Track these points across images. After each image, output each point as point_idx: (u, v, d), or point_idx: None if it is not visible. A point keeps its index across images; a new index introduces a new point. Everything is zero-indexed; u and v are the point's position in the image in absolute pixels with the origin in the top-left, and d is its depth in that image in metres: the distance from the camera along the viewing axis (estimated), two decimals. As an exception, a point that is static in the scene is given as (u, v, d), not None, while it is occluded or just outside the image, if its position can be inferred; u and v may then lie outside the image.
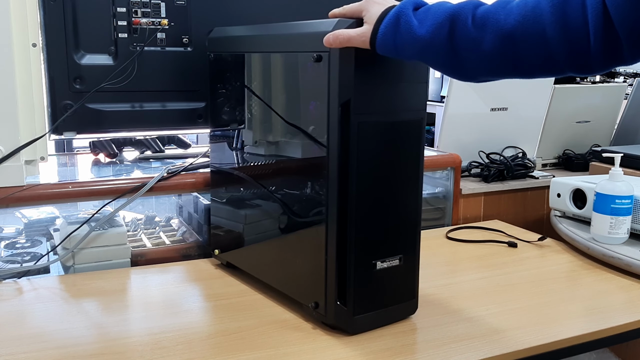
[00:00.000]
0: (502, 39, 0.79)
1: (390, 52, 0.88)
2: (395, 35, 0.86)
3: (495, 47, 0.80)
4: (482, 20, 0.81)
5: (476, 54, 0.82)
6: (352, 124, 0.93)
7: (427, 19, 0.84)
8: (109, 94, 1.33)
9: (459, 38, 0.82)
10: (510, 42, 0.79)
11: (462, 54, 0.83)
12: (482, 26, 0.81)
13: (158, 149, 1.61)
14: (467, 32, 0.82)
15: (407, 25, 0.85)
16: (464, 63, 0.84)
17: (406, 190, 1.02)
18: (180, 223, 1.60)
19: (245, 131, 1.17)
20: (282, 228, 1.09)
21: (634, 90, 2.14)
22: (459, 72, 0.86)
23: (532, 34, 0.77)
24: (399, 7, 0.88)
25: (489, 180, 1.79)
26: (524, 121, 1.96)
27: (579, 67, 0.77)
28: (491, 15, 0.80)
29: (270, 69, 1.08)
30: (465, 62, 0.83)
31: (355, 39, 0.90)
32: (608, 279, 1.28)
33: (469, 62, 0.83)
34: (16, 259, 1.34)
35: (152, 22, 1.34)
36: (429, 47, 0.84)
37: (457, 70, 0.86)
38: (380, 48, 0.88)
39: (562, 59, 0.77)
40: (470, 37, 0.81)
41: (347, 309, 0.98)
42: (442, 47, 0.83)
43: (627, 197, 1.34)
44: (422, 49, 0.85)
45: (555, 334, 1.01)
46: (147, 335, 0.99)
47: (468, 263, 1.37)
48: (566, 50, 0.76)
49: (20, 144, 1.23)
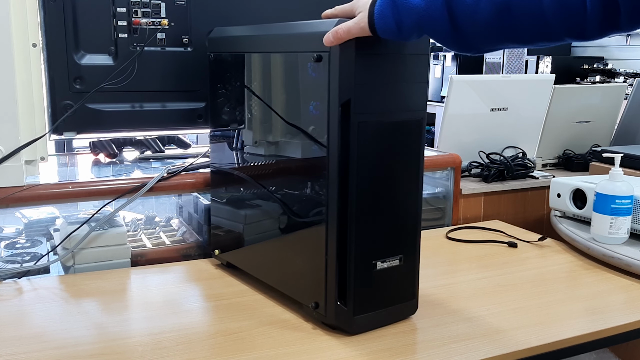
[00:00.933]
0: (498, 7, 0.79)
1: (390, 31, 0.87)
2: (392, 11, 0.86)
3: (491, 15, 0.79)
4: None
5: (473, 22, 0.81)
6: (352, 124, 0.93)
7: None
8: (109, 94, 1.33)
9: (456, 6, 0.81)
10: (506, 10, 0.78)
11: (459, 22, 0.82)
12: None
13: (158, 149, 1.61)
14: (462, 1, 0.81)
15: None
16: (461, 32, 0.83)
17: (406, 190, 1.02)
18: (180, 223, 1.60)
19: (245, 131, 1.17)
20: (282, 228, 1.09)
21: (634, 90, 2.14)
22: (458, 42, 0.85)
23: (528, 2, 0.77)
24: None
25: (489, 180, 1.79)
26: (524, 121, 1.96)
27: (575, 34, 0.77)
28: None
29: (270, 69, 1.08)
30: (463, 31, 0.83)
31: (354, 28, 0.89)
32: (608, 279, 1.28)
33: (466, 31, 0.82)
34: (16, 259, 1.34)
35: (152, 22, 1.34)
36: (427, 17, 0.84)
37: (457, 40, 0.85)
38: (380, 28, 0.88)
39: (557, 25, 0.77)
40: (467, 5, 0.81)
41: (347, 309, 0.98)
42: (439, 16, 0.83)
43: (627, 197, 1.34)
44: (420, 19, 0.84)
45: (555, 334, 1.01)
46: (147, 336, 0.99)
47: (468, 263, 1.37)
48: (562, 17, 0.76)
49: (20, 144, 1.23)
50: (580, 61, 4.83)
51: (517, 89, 1.93)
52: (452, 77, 1.82)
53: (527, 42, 0.82)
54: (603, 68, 4.71)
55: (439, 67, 4.83)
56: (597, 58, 4.85)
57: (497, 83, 1.94)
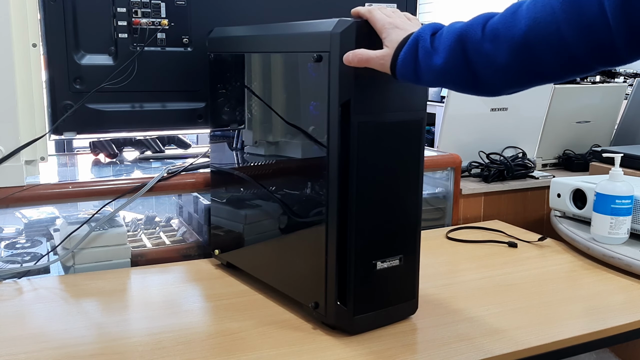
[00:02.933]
0: (516, 47, 0.75)
1: (409, 80, 0.87)
2: (414, 64, 0.85)
3: (511, 57, 0.76)
4: (493, 32, 0.77)
5: (493, 68, 0.78)
6: (352, 124, 0.93)
7: (440, 45, 0.82)
8: (109, 94, 1.33)
9: (473, 56, 0.79)
10: (526, 49, 0.75)
11: (480, 71, 0.80)
12: (493, 39, 0.77)
13: (158, 149, 1.61)
14: (479, 48, 0.78)
15: (424, 53, 0.84)
16: (483, 80, 0.80)
17: (406, 190, 1.02)
18: (180, 223, 1.60)
19: (245, 131, 1.17)
20: (282, 228, 1.09)
21: (634, 90, 2.14)
22: (481, 90, 0.83)
23: (547, 36, 0.73)
24: (417, 33, 0.85)
25: (489, 180, 1.79)
26: (524, 121, 1.96)
27: (605, 60, 0.71)
28: (501, 26, 0.77)
29: (270, 69, 1.08)
30: (484, 79, 0.80)
31: (375, 60, 0.89)
32: (608, 279, 1.28)
33: (488, 78, 0.80)
34: (16, 259, 1.34)
35: (152, 22, 1.34)
36: (446, 74, 0.82)
37: (479, 89, 0.83)
38: (400, 76, 0.87)
39: (584, 55, 0.72)
40: (483, 52, 0.78)
41: (347, 309, 0.98)
42: (458, 70, 0.81)
43: (627, 197, 1.34)
44: (440, 76, 0.83)
45: (555, 334, 1.01)
46: (147, 336, 0.99)
47: (468, 263, 1.37)
48: (587, 45, 0.70)
49: (20, 144, 1.23)
50: (580, 61, 4.83)
51: (517, 89, 1.93)
52: (452, 77, 1.82)
53: (556, 77, 0.77)
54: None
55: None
56: (597, 58, 4.85)
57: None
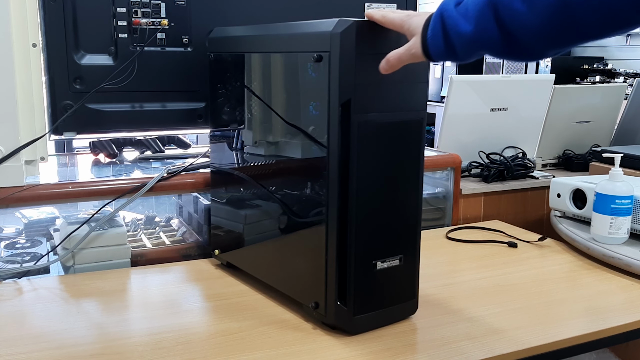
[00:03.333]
0: (553, 4, 0.72)
1: (445, 56, 0.84)
2: (444, 37, 0.82)
3: (548, 16, 0.72)
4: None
5: (531, 30, 0.74)
6: (352, 124, 0.93)
7: (468, 11, 0.79)
8: (109, 94, 1.33)
9: (507, 19, 0.76)
10: (563, 4, 0.71)
11: (516, 35, 0.76)
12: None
13: (158, 149, 1.61)
14: (513, 10, 0.75)
15: (452, 24, 0.81)
16: (521, 44, 0.77)
17: (406, 190, 1.02)
18: (180, 223, 1.60)
19: (245, 131, 1.17)
20: (282, 228, 1.09)
21: (634, 90, 2.14)
22: (520, 54, 0.79)
23: None
24: (440, 7, 0.83)
25: (489, 180, 1.79)
26: (524, 121, 1.96)
27: None
28: None
29: (270, 69, 1.08)
30: (522, 42, 0.76)
31: (405, 54, 0.87)
32: (608, 279, 1.28)
33: (525, 41, 0.76)
34: (16, 259, 1.34)
35: (152, 22, 1.34)
36: (481, 40, 0.79)
37: (518, 53, 0.79)
38: (434, 54, 0.85)
39: (627, 7, 0.68)
40: (518, 14, 0.74)
41: (347, 309, 0.98)
42: (493, 35, 0.78)
43: (627, 197, 1.34)
44: (474, 43, 0.80)
45: (555, 334, 1.01)
46: (147, 336, 0.99)
47: (468, 263, 1.37)
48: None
49: (20, 144, 1.23)
50: (580, 61, 4.83)
51: (517, 89, 1.93)
52: (452, 77, 1.82)
53: (597, 35, 0.73)
54: (603, 68, 4.71)
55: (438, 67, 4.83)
56: (597, 58, 4.86)
57: (497, 83, 1.94)
